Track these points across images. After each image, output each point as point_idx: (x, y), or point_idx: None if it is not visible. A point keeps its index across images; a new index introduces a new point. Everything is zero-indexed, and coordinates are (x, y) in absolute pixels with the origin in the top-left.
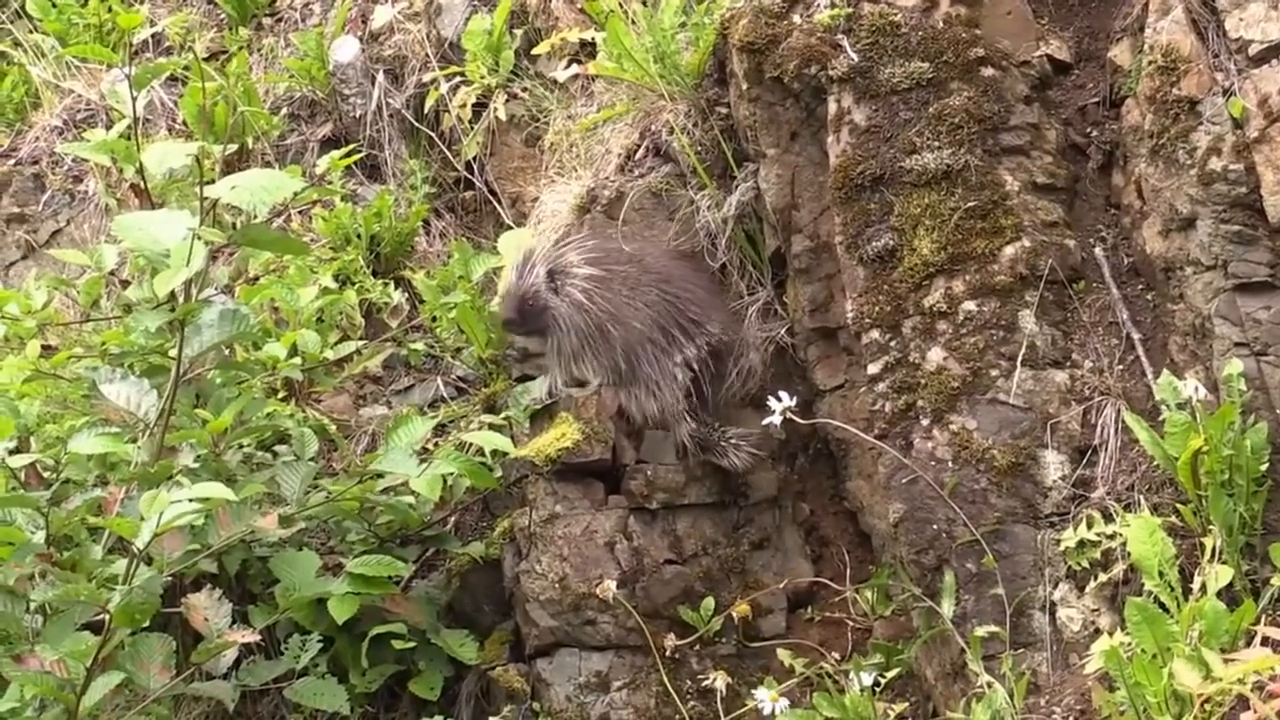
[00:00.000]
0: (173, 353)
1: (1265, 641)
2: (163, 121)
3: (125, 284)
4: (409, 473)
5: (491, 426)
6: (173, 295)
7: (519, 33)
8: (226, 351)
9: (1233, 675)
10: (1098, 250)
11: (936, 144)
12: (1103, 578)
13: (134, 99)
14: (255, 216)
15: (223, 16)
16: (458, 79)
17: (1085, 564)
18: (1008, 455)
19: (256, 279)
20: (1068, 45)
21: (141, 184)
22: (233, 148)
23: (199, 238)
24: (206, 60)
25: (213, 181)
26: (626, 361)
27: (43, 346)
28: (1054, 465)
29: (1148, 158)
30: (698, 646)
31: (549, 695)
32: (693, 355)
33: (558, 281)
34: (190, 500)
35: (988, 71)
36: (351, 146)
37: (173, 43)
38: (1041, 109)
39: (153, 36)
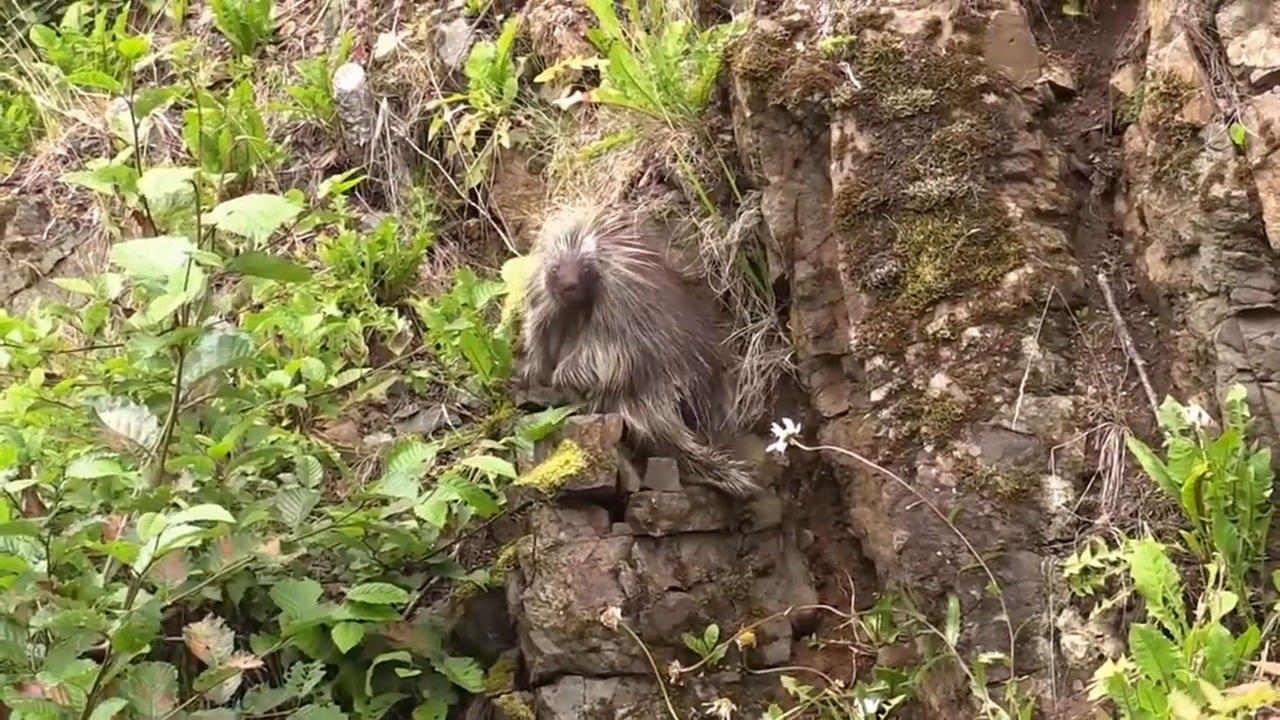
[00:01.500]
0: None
1: (1267, 677)
2: (167, 150)
3: (129, 312)
4: (409, 497)
5: (494, 452)
6: (174, 321)
7: (522, 60)
8: (230, 379)
9: (1229, 707)
10: (1101, 277)
11: (939, 171)
12: (1107, 604)
13: (136, 126)
14: (256, 243)
15: (227, 45)
16: (461, 107)
17: (1089, 590)
18: (1011, 482)
19: (261, 306)
20: (1070, 72)
21: (144, 212)
22: (232, 175)
23: (196, 262)
24: (211, 89)
25: (211, 208)
26: (656, 355)
27: (47, 375)
28: (1058, 491)
29: (1150, 184)
30: (702, 674)
31: None
32: (691, 383)
33: (605, 255)
34: (188, 523)
35: (990, 98)
36: (353, 170)
37: (177, 71)
38: (1044, 136)
39: (157, 65)
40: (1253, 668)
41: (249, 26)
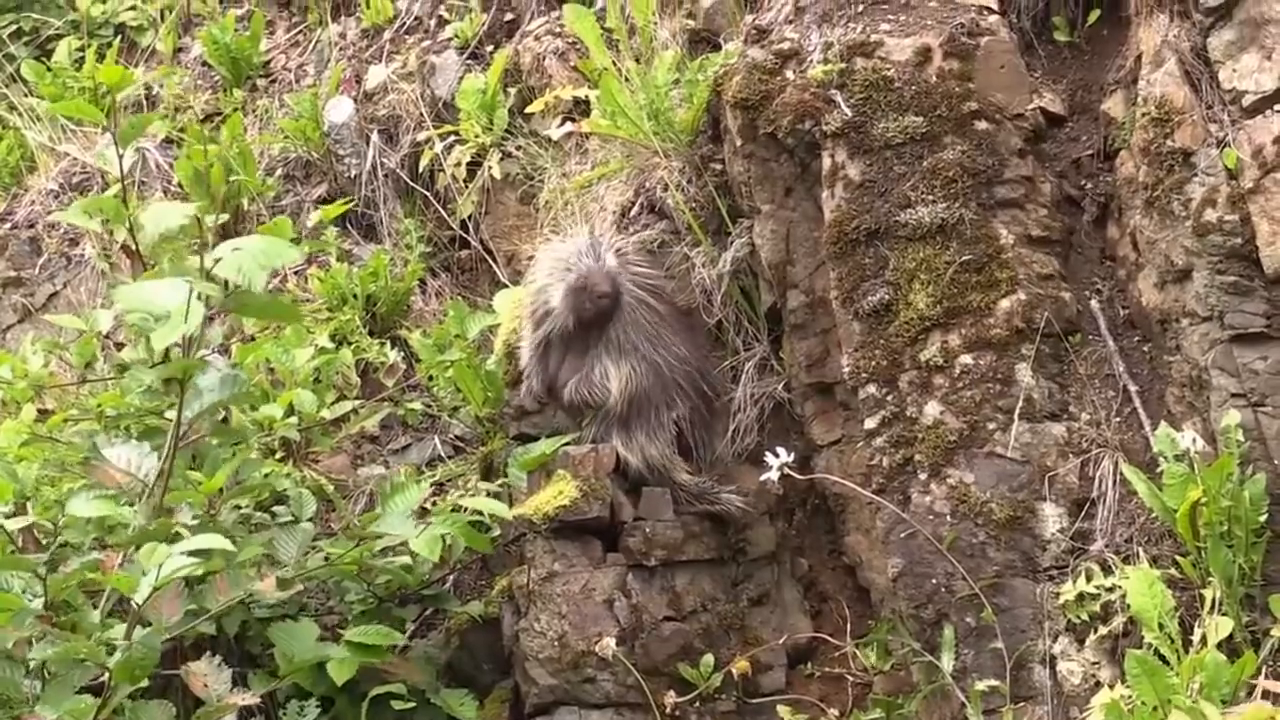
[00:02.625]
0: (169, 413)
1: (1265, 695)
2: (158, 184)
3: (120, 346)
4: (407, 535)
5: (489, 493)
6: (166, 355)
7: (513, 91)
8: (223, 414)
9: None
10: (1093, 303)
11: (931, 198)
12: (1102, 630)
13: (120, 156)
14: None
15: (217, 78)
16: (452, 138)
17: (1085, 617)
18: (1006, 509)
19: (253, 337)
20: (1061, 98)
21: (133, 245)
22: (225, 216)
23: (198, 295)
24: (202, 122)
25: (205, 243)
26: (666, 374)
27: (39, 410)
28: (1052, 518)
29: (1142, 209)
30: (698, 704)
31: None
32: (689, 413)
33: (619, 274)
34: (187, 553)
35: (981, 125)
36: (344, 199)
37: (167, 105)
38: (1035, 162)
39: (147, 99)
40: (1250, 692)
41: (239, 60)
